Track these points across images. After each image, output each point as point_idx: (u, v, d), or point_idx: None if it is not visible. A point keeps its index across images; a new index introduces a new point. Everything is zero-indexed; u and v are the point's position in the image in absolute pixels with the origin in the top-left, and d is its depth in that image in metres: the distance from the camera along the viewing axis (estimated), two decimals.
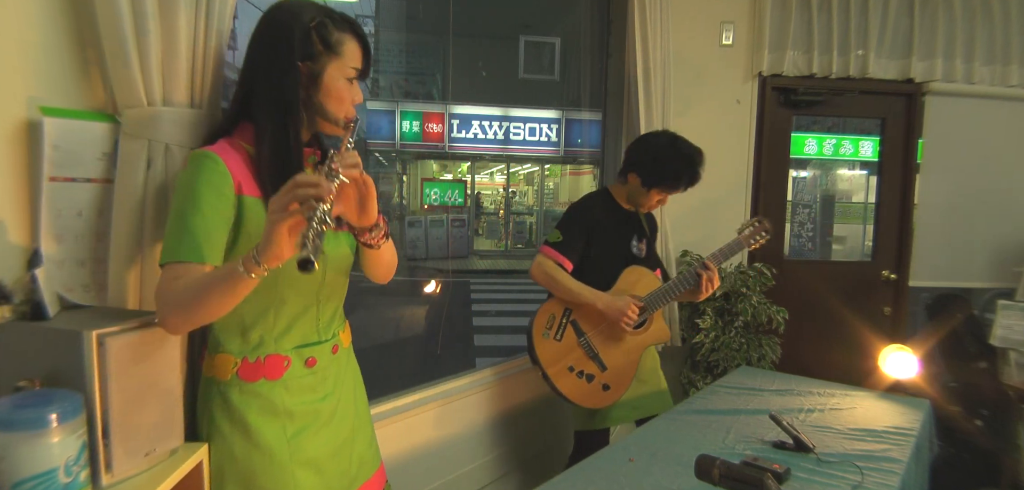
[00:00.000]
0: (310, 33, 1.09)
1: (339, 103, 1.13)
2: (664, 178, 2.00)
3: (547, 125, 14.28)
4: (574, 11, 12.88)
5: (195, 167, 1.04)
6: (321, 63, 1.10)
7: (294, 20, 1.08)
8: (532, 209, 16.67)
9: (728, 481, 1.01)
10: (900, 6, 3.05)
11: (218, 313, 0.98)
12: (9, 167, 1.09)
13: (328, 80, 1.11)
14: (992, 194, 3.23)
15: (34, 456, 0.86)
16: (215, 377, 1.14)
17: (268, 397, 1.13)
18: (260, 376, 1.13)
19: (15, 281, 1.07)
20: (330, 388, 1.23)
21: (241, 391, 1.12)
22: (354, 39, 1.13)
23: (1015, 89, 3.17)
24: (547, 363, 2.01)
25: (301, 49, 1.08)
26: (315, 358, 1.19)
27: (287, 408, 1.15)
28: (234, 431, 1.12)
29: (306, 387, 1.18)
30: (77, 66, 1.17)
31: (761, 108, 3.07)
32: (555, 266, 2.01)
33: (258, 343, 1.13)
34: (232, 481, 1.13)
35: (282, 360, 1.15)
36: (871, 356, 2.44)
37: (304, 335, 1.18)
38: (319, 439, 1.19)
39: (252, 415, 1.12)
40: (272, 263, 0.90)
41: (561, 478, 1.40)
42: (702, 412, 1.82)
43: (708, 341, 2.71)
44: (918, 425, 1.76)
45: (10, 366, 0.99)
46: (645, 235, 2.16)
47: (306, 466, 1.17)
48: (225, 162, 1.05)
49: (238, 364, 1.13)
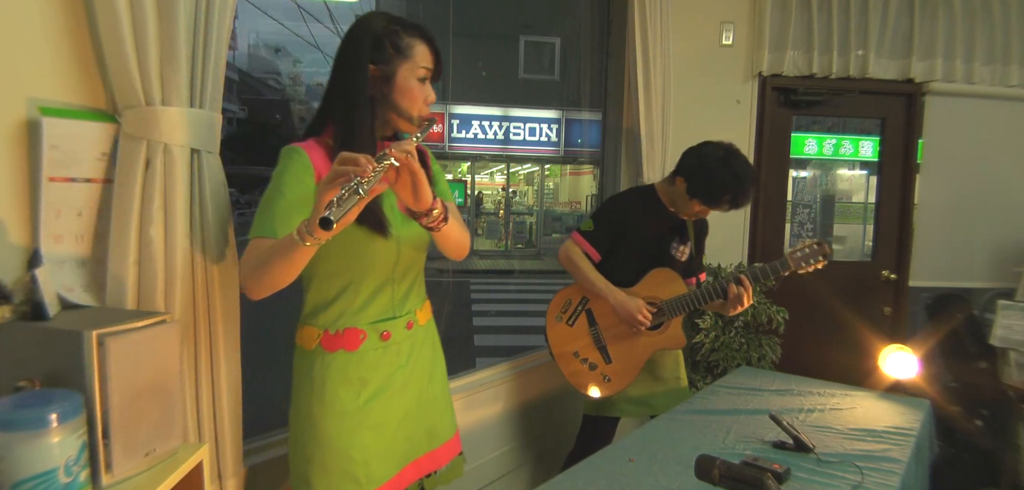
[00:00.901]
0: (381, 39, 1.22)
1: (412, 101, 1.25)
2: (708, 192, 1.92)
3: (547, 125, 14.29)
4: (574, 11, 12.89)
5: (283, 159, 1.20)
6: (393, 65, 1.23)
7: (366, 29, 1.23)
8: (532, 209, 16.68)
9: (728, 481, 1.01)
10: (900, 6, 3.05)
11: (285, 277, 1.08)
12: (9, 167, 1.09)
13: (400, 80, 1.23)
14: (992, 194, 3.23)
15: (34, 456, 0.86)
16: (302, 347, 1.30)
17: (344, 366, 1.27)
18: (339, 347, 1.27)
19: (15, 281, 1.07)
20: (403, 361, 1.35)
21: (322, 360, 1.27)
22: (424, 43, 1.26)
23: (1015, 89, 3.17)
24: (555, 344, 2.08)
25: (372, 53, 1.21)
26: (390, 332, 1.32)
27: (361, 376, 1.29)
28: (313, 394, 1.27)
29: (380, 359, 1.31)
30: (77, 66, 1.17)
31: (761, 108, 3.07)
32: (581, 254, 2.04)
33: (338, 317, 1.27)
34: (310, 438, 1.27)
35: (359, 333, 1.28)
36: (871, 356, 2.43)
37: (380, 311, 1.31)
38: (389, 406, 1.32)
39: (331, 382, 1.26)
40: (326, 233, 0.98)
41: (561, 478, 1.40)
42: (702, 412, 1.82)
43: (708, 341, 2.71)
44: (918, 425, 1.76)
45: (10, 366, 0.99)
46: (688, 239, 2.10)
47: (373, 429, 1.29)
48: (308, 155, 1.20)
49: (321, 335, 1.27)
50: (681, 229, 2.10)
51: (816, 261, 1.85)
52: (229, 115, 19.61)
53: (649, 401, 2.11)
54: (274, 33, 27.98)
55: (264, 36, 30.72)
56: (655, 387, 2.13)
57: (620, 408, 2.09)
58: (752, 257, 3.04)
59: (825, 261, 1.84)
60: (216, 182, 1.30)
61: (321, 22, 15.20)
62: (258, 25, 31.16)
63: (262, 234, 1.13)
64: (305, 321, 1.30)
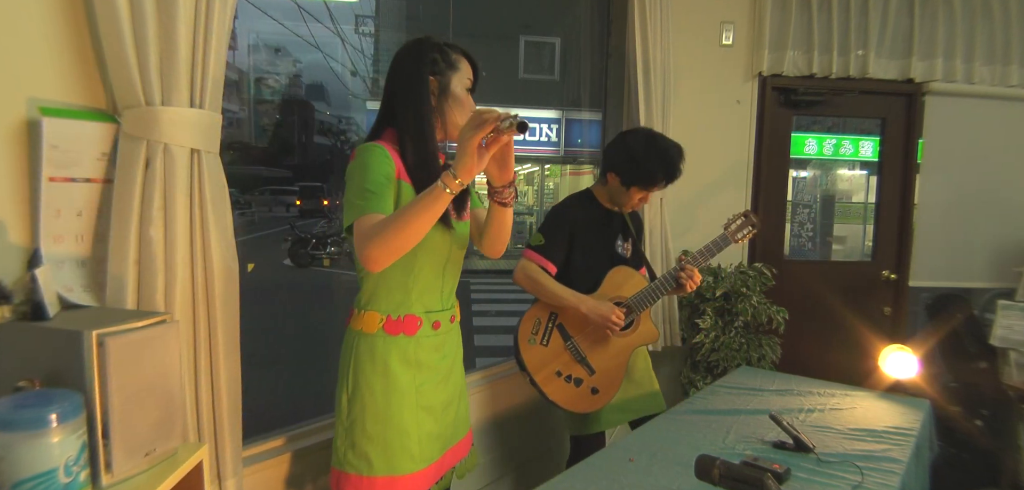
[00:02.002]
0: (436, 55, 1.38)
1: (462, 108, 1.40)
2: (642, 177, 1.96)
3: (547, 125, 14.28)
4: (574, 11, 12.87)
5: (367, 152, 1.30)
6: (447, 76, 1.39)
7: (423, 47, 1.38)
8: (532, 209, 16.68)
9: (728, 481, 1.01)
10: (900, 6, 3.05)
11: (418, 234, 1.18)
12: (9, 167, 1.09)
13: (454, 88, 1.40)
14: (992, 194, 3.23)
15: (34, 456, 0.86)
16: (363, 330, 1.39)
17: (404, 349, 1.39)
18: (400, 331, 1.39)
19: (15, 281, 1.07)
20: (448, 351, 1.50)
21: (385, 342, 1.38)
22: (466, 59, 1.43)
23: (1015, 89, 3.17)
24: (534, 369, 1.97)
25: (431, 66, 1.37)
26: (439, 322, 1.45)
27: (418, 359, 1.41)
28: (376, 373, 1.37)
29: (432, 346, 1.44)
30: (77, 66, 1.17)
31: (761, 108, 3.07)
32: (538, 269, 1.97)
33: (400, 303, 1.38)
34: (371, 414, 1.37)
35: (417, 320, 1.40)
36: (871, 356, 2.43)
37: (431, 302, 1.43)
38: (437, 391, 1.45)
39: (393, 361, 1.37)
40: (466, 175, 1.12)
41: (561, 478, 1.40)
42: (702, 412, 1.82)
43: (708, 341, 2.71)
44: (918, 425, 1.76)
45: (10, 366, 0.99)
46: (630, 235, 2.14)
47: (427, 410, 1.42)
48: (388, 150, 1.32)
49: (383, 320, 1.38)
50: (622, 226, 2.13)
51: (748, 231, 2.07)
52: (229, 116, 19.62)
53: (628, 406, 2.08)
54: (274, 33, 27.97)
55: (264, 36, 30.70)
56: (633, 391, 2.10)
57: (603, 419, 2.04)
58: (752, 257, 3.04)
59: (755, 229, 2.07)
60: (216, 182, 1.30)
61: (321, 22, 15.22)
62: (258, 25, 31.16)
63: (368, 211, 1.22)
64: (366, 306, 1.39)
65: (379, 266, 1.20)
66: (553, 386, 1.97)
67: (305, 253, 11.72)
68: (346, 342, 1.43)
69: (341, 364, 1.43)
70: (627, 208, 2.09)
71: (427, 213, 1.16)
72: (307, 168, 26.81)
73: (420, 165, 1.34)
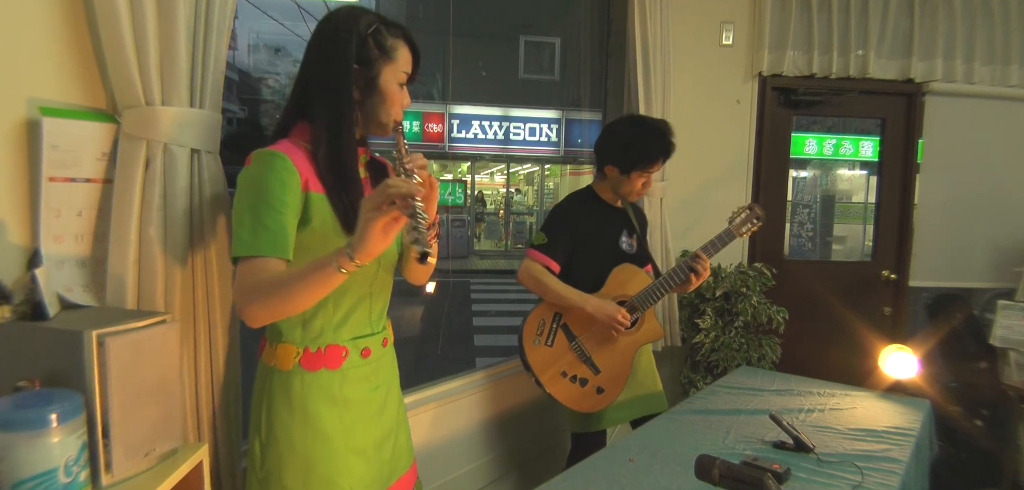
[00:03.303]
0: (367, 39, 1.14)
1: (390, 105, 1.18)
2: (639, 158, 1.95)
3: (547, 125, 14.28)
4: (574, 11, 12.87)
5: (264, 165, 1.08)
6: (376, 67, 1.16)
7: (352, 25, 1.14)
8: (532, 209, 16.68)
9: (728, 481, 1.01)
10: (900, 6, 3.05)
11: (305, 305, 1.04)
12: (9, 167, 1.09)
13: (383, 83, 1.17)
14: (992, 194, 3.23)
15: (34, 456, 0.86)
16: (276, 367, 1.19)
17: (328, 386, 1.19)
18: (321, 365, 1.19)
19: (15, 281, 1.07)
20: (381, 380, 1.30)
21: (302, 380, 1.17)
22: (406, 45, 1.19)
23: (1015, 89, 3.17)
24: (539, 369, 1.97)
25: (358, 53, 1.13)
26: (370, 349, 1.25)
27: (344, 396, 1.21)
28: (293, 418, 1.17)
29: (362, 377, 1.24)
30: (76, 66, 1.17)
31: (761, 108, 3.07)
32: (542, 269, 1.97)
33: (319, 333, 1.18)
34: (290, 467, 1.17)
35: (341, 350, 1.20)
36: (871, 356, 2.43)
37: (359, 327, 1.24)
38: (369, 428, 1.26)
39: (312, 402, 1.17)
40: (365, 259, 0.97)
41: (561, 478, 1.40)
42: (702, 412, 1.82)
43: (708, 341, 2.71)
44: (918, 425, 1.76)
45: (10, 366, 0.99)
46: (635, 230, 2.13)
47: (358, 453, 1.23)
48: (291, 160, 1.10)
49: (300, 353, 1.18)
50: (626, 222, 2.12)
51: (753, 225, 2.03)
52: (229, 115, 19.61)
53: (631, 405, 2.08)
54: (274, 33, 27.95)
55: (264, 36, 30.68)
56: (635, 390, 2.10)
57: (606, 418, 2.04)
58: (753, 257, 3.04)
59: (759, 222, 2.03)
60: (216, 182, 1.30)
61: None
62: (258, 25, 31.15)
63: (264, 253, 1.04)
64: (279, 338, 1.19)
65: (257, 324, 1.06)
66: (558, 386, 1.97)
67: None
68: (258, 378, 1.23)
69: (252, 403, 1.22)
70: (632, 196, 2.07)
71: (317, 289, 1.02)
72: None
73: (333, 171, 1.13)
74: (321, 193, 1.13)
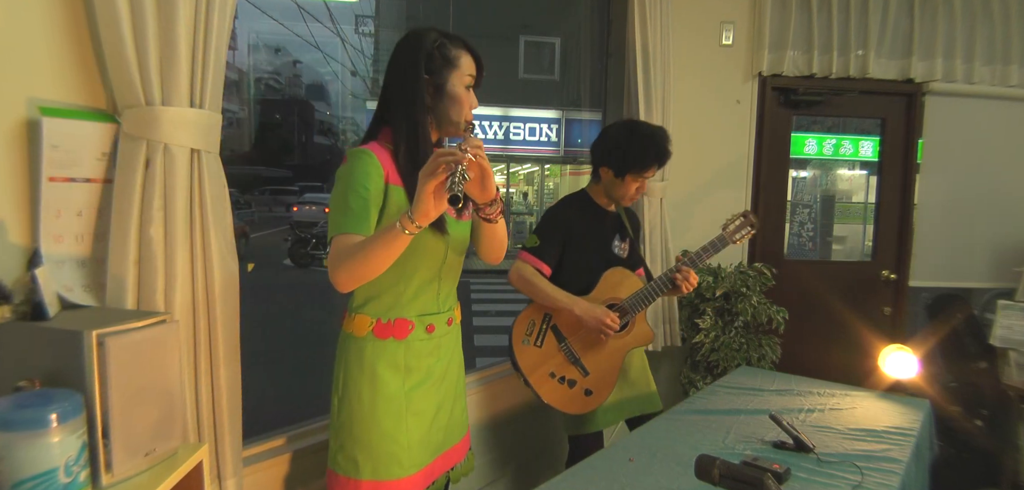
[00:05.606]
0: (433, 52, 1.34)
1: (460, 107, 1.36)
2: (634, 161, 1.96)
3: (547, 125, 14.29)
4: (574, 11, 12.89)
5: (354, 159, 1.29)
6: (443, 75, 1.34)
7: (420, 42, 1.34)
8: (532, 209, 16.68)
9: (728, 481, 1.01)
10: (900, 6, 3.05)
11: (379, 268, 1.18)
12: (9, 167, 1.09)
13: (450, 88, 1.35)
14: (992, 194, 3.23)
15: (34, 456, 0.86)
16: (353, 334, 1.38)
17: (393, 353, 1.37)
18: (390, 335, 1.37)
19: (15, 281, 1.07)
20: (443, 353, 1.46)
21: (373, 346, 1.36)
22: (468, 53, 1.38)
23: (1015, 89, 3.17)
24: (528, 370, 1.97)
25: (426, 65, 1.33)
26: (434, 325, 1.42)
27: (408, 364, 1.39)
28: (363, 378, 1.36)
29: (425, 351, 1.41)
30: (77, 66, 1.17)
31: (761, 108, 3.07)
32: (533, 271, 1.97)
33: (390, 307, 1.37)
34: (358, 419, 1.36)
35: (408, 324, 1.38)
36: (871, 356, 2.43)
37: (426, 305, 1.41)
38: (429, 395, 1.43)
39: (379, 366, 1.36)
40: (422, 220, 1.10)
41: (561, 478, 1.40)
42: (702, 412, 1.82)
43: (708, 341, 2.71)
44: (918, 425, 1.76)
45: (10, 366, 0.99)
46: (628, 235, 2.13)
47: (416, 415, 1.40)
48: (376, 156, 1.29)
49: (373, 324, 1.36)
50: (619, 226, 2.12)
51: (747, 232, 2.05)
52: (229, 115, 19.61)
53: (624, 406, 2.08)
54: (274, 33, 27.96)
55: (264, 36, 30.68)
56: (628, 391, 2.10)
57: (599, 419, 2.04)
58: (752, 258, 3.04)
59: (753, 230, 2.06)
60: (216, 182, 1.30)
61: (321, 22, 15.22)
62: (258, 25, 31.14)
63: (346, 230, 1.23)
64: (357, 310, 1.38)
65: (345, 288, 1.21)
66: (547, 387, 1.97)
67: (305, 253, 11.73)
68: (339, 344, 1.43)
69: (335, 365, 1.42)
70: (625, 201, 2.07)
71: (386, 251, 1.16)
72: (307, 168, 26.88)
73: (411, 170, 1.29)
74: (399, 186, 1.31)
